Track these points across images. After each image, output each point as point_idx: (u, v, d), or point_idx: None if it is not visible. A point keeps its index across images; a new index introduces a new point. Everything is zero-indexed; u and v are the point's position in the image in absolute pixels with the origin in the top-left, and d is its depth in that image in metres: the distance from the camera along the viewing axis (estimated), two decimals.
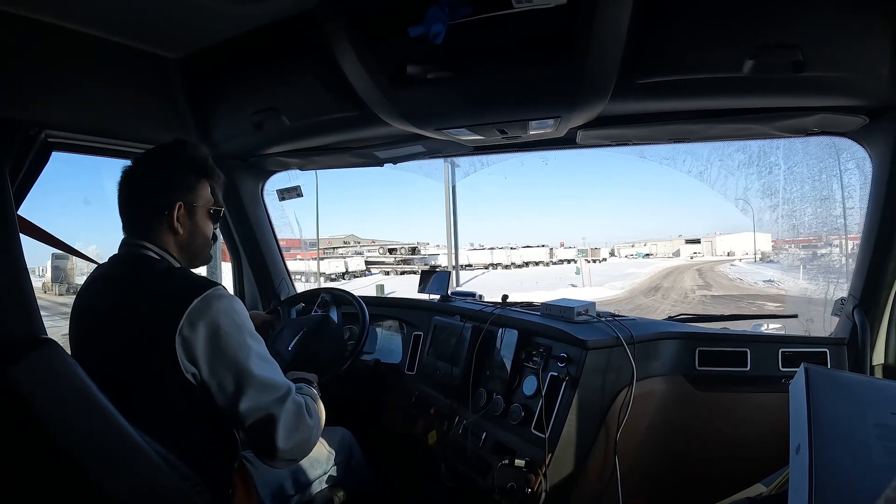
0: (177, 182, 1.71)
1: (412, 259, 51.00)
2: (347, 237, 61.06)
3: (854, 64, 1.64)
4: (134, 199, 1.71)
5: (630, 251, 55.87)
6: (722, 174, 2.92)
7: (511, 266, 53.96)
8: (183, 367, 1.47)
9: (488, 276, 43.33)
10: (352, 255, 51.15)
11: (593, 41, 1.59)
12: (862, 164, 2.13)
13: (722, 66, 1.70)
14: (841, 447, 1.21)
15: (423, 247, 56.39)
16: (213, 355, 1.50)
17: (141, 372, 1.50)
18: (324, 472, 2.11)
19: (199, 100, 2.42)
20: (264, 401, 1.55)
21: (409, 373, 2.94)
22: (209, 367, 1.50)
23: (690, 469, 2.30)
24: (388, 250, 53.73)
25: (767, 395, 2.20)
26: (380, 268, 49.20)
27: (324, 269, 41.58)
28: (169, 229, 1.68)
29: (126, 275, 1.64)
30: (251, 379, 1.53)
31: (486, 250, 54.49)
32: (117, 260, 1.70)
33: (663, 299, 25.39)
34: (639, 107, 2.06)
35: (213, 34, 2.07)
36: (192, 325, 1.47)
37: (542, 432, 2.10)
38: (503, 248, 57.70)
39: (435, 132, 2.25)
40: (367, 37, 1.77)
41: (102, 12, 1.83)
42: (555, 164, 43.82)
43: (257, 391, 1.54)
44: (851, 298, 2.18)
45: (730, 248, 70.61)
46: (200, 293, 1.51)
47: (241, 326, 1.56)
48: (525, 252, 56.30)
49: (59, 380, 1.25)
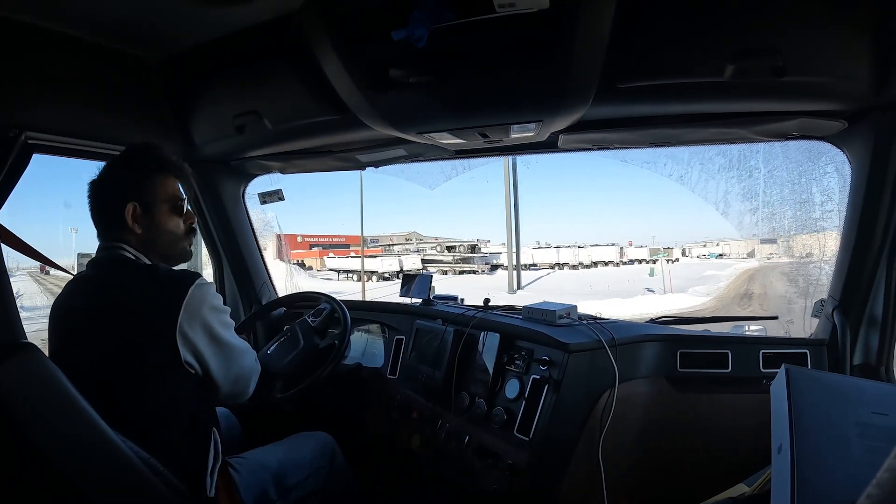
0: (127, 183, 1.75)
1: (472, 258, 48.68)
2: (409, 234, 59.63)
3: (833, 69, 1.65)
4: (95, 204, 1.78)
5: (702, 251, 54.70)
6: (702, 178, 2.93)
7: (579, 266, 50.38)
8: (183, 357, 1.58)
9: (553, 278, 39.89)
10: (409, 253, 48.81)
11: (575, 46, 1.60)
12: (841, 167, 2.15)
13: (703, 71, 1.71)
14: (822, 446, 1.23)
15: (483, 244, 53.85)
16: (212, 342, 1.68)
17: (126, 371, 1.53)
18: (307, 476, 2.10)
19: (180, 102, 2.41)
20: (244, 363, 1.86)
21: (391, 377, 2.93)
22: (209, 352, 1.67)
23: (674, 470, 2.31)
24: (447, 248, 51.25)
25: (749, 396, 2.21)
26: (437, 266, 46.51)
27: (376, 268, 40.53)
28: (128, 230, 1.72)
29: (107, 276, 1.68)
30: (234, 351, 1.80)
31: (553, 249, 51.16)
32: (96, 263, 1.73)
33: (762, 310, 19.82)
34: (620, 111, 2.07)
35: (195, 36, 2.07)
36: (191, 319, 1.59)
37: (524, 435, 2.11)
38: (570, 247, 54.44)
39: (416, 136, 2.24)
40: (349, 40, 1.77)
41: (83, 14, 1.82)
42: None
43: (239, 357, 1.83)
44: (831, 300, 2.20)
45: (809, 249, 69.00)
46: (191, 283, 1.62)
47: (221, 309, 1.75)
48: (593, 251, 53.59)
49: (39, 384, 1.25)
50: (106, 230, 1.75)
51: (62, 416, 1.27)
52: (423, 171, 3.27)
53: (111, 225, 1.73)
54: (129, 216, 1.70)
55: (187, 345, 1.59)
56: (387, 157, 2.82)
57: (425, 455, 2.44)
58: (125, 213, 1.70)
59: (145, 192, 1.76)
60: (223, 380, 1.76)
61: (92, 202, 1.78)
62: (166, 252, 1.82)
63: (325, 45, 1.80)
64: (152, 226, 1.76)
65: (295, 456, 2.10)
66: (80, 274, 1.76)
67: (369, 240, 57.78)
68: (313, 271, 48.10)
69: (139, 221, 1.72)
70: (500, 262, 46.11)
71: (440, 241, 53.69)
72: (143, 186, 1.76)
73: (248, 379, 1.90)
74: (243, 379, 1.87)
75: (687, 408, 2.29)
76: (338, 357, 2.49)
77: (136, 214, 1.72)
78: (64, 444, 1.26)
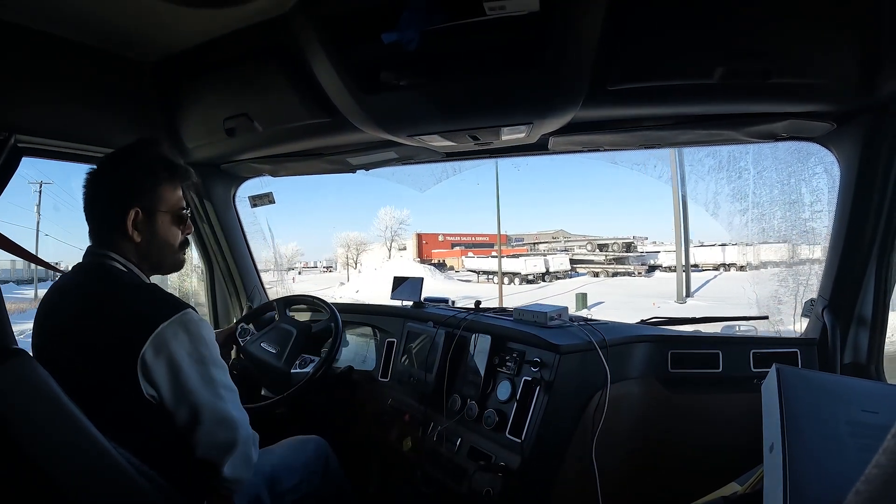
0: (133, 187, 1.67)
1: (626, 258, 44.28)
2: (557, 233, 56.61)
3: (821, 71, 1.66)
4: (90, 207, 1.69)
5: None
6: (692, 179, 2.95)
7: (746, 267, 45.41)
8: (143, 388, 1.48)
9: (721, 281, 33.06)
10: (556, 253, 45.57)
11: (565, 48, 1.61)
12: (830, 168, 2.16)
13: (692, 73, 1.72)
14: (814, 445, 1.23)
15: (640, 242, 48.94)
16: (174, 386, 1.53)
17: (103, 384, 1.49)
18: (300, 480, 2.09)
19: (170, 105, 2.41)
20: (219, 436, 1.60)
21: (382, 380, 2.93)
22: (169, 395, 1.53)
23: (667, 470, 2.32)
24: (598, 246, 47.15)
25: (740, 396, 2.22)
26: (587, 268, 43.70)
27: (518, 269, 38.46)
28: (126, 237, 1.65)
29: (91, 285, 1.62)
30: (209, 414, 1.58)
31: (717, 247, 47.24)
32: (81, 269, 1.68)
33: None
34: (610, 113, 2.08)
35: (186, 39, 2.07)
36: (156, 352, 1.48)
37: (517, 437, 2.11)
38: (736, 244, 48.98)
39: (407, 138, 2.24)
40: (339, 42, 1.77)
41: (73, 15, 1.82)
42: None
43: (213, 425, 1.59)
44: (821, 299, 2.21)
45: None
46: (168, 317, 1.51)
47: (206, 357, 1.59)
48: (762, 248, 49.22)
49: (29, 390, 1.24)
50: (98, 233, 1.68)
51: (53, 422, 1.26)
52: (414, 173, 3.27)
53: (105, 228, 1.67)
54: (130, 222, 1.64)
55: (146, 376, 1.48)
56: (377, 160, 2.81)
57: (418, 458, 2.44)
58: (125, 219, 1.63)
59: (149, 198, 1.68)
60: (190, 425, 1.57)
61: (88, 201, 1.68)
62: (160, 262, 1.76)
63: (314, 47, 1.81)
64: (151, 234, 1.69)
65: (288, 460, 2.08)
66: (65, 280, 1.69)
67: (513, 238, 56.82)
68: (452, 272, 46.69)
69: (139, 228, 1.65)
70: (658, 263, 42.37)
71: (591, 239, 50.37)
72: (148, 191, 1.68)
73: (230, 426, 1.63)
74: (222, 425, 1.61)
75: (678, 408, 2.30)
76: (329, 360, 2.49)
77: (136, 221, 1.65)
78: (55, 450, 1.26)
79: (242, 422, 1.67)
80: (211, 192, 3.09)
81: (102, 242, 1.67)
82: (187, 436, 1.56)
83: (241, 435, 1.65)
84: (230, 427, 1.62)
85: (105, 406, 1.45)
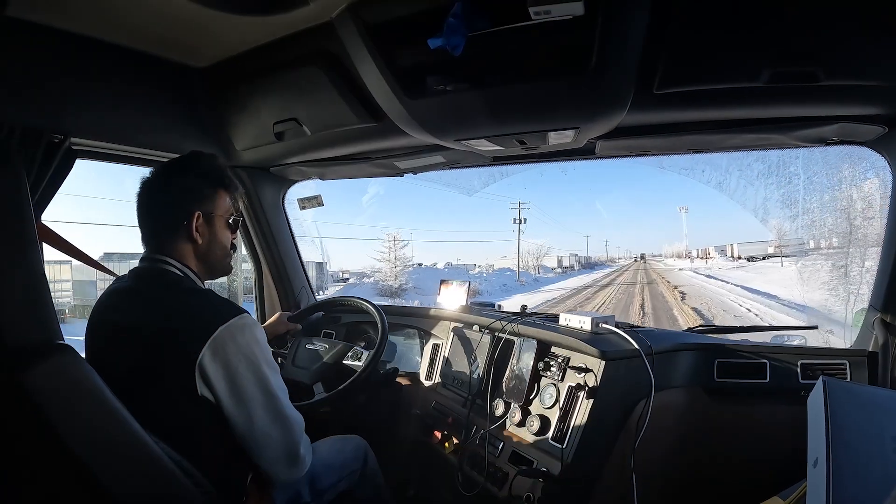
0: (194, 192, 1.74)
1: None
2: None
3: (872, 73, 1.63)
4: (151, 211, 1.75)
5: None
6: (741, 184, 2.92)
7: None
8: (200, 391, 1.52)
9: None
10: None
11: (611, 52, 1.60)
12: (882, 173, 2.12)
13: (739, 76, 1.69)
14: (859, 461, 1.21)
15: None
16: (231, 389, 1.56)
17: (157, 388, 1.52)
18: (339, 479, 2.11)
19: (221, 109, 2.46)
20: (272, 437, 1.64)
21: (427, 382, 2.95)
22: (226, 397, 1.56)
23: (708, 481, 2.28)
24: None
25: (786, 408, 2.17)
26: None
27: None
28: (188, 240, 1.72)
29: (147, 290, 1.67)
30: (263, 415, 1.62)
31: None
32: (137, 274, 1.73)
33: None
34: (657, 117, 2.06)
35: (235, 45, 2.11)
36: (213, 356, 1.51)
37: (559, 443, 2.10)
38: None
39: (454, 143, 2.26)
40: (386, 48, 1.80)
41: (127, 22, 1.88)
42: None
43: (268, 426, 1.63)
44: (872, 310, 2.16)
45: None
46: (224, 321, 1.55)
47: (260, 359, 1.62)
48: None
49: (74, 385, 1.26)
50: (154, 237, 1.73)
51: (96, 418, 1.28)
52: (462, 175, 3.28)
53: (163, 232, 1.72)
54: (194, 225, 1.71)
55: (204, 379, 1.52)
56: (425, 164, 2.83)
57: (459, 460, 2.44)
58: (191, 222, 1.70)
59: (209, 203, 1.76)
60: (248, 433, 1.60)
61: (146, 206, 1.75)
62: (216, 266, 1.82)
63: (361, 53, 1.83)
64: (211, 237, 1.76)
65: (329, 459, 2.10)
66: (121, 284, 1.75)
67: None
68: None
69: (200, 231, 1.73)
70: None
71: None
72: (212, 198, 1.77)
73: (284, 428, 1.67)
74: (276, 426, 1.65)
75: (723, 418, 2.26)
76: (375, 361, 2.51)
77: (200, 224, 1.72)
78: (98, 446, 1.27)
79: (296, 424, 1.72)
80: (260, 195, 3.14)
81: (157, 246, 1.72)
82: (241, 437, 1.60)
83: (295, 436, 1.70)
84: (285, 429, 1.67)
85: (156, 405, 1.49)
